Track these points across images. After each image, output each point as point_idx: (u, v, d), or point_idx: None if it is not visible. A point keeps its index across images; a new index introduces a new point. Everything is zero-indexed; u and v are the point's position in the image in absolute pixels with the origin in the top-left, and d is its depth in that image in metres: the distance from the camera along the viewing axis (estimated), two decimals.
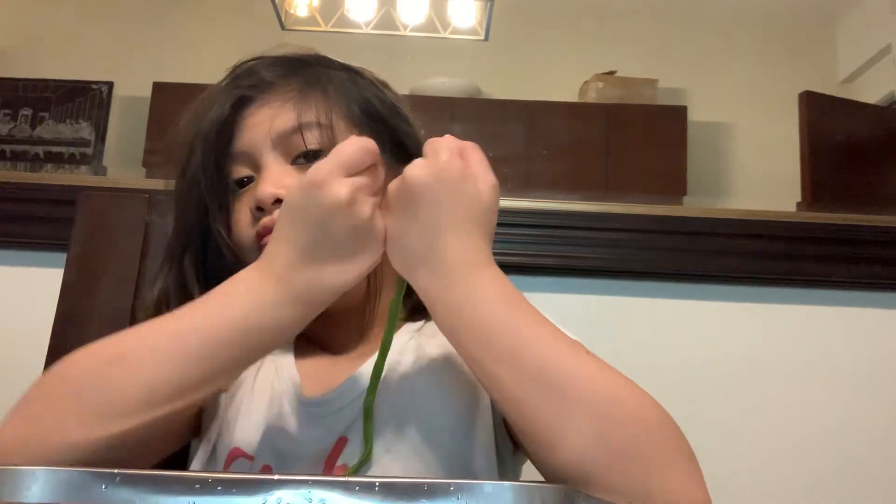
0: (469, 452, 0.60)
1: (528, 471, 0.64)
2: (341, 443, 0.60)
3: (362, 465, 0.56)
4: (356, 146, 0.52)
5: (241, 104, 0.65)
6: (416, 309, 0.69)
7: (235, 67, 0.69)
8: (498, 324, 0.50)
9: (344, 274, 0.52)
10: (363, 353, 0.66)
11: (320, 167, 0.51)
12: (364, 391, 0.61)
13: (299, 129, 0.63)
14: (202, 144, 0.64)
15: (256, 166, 0.64)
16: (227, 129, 0.64)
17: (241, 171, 0.65)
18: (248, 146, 0.64)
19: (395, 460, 0.59)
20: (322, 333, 0.68)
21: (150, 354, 0.50)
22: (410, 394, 0.62)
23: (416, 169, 0.52)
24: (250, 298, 0.52)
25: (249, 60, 0.69)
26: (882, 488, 1.13)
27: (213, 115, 0.64)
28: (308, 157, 0.63)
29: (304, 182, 0.51)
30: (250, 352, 0.53)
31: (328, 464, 0.59)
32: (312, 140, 0.63)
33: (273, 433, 0.62)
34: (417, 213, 0.52)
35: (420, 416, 0.60)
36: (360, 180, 0.51)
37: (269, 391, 0.64)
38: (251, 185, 0.65)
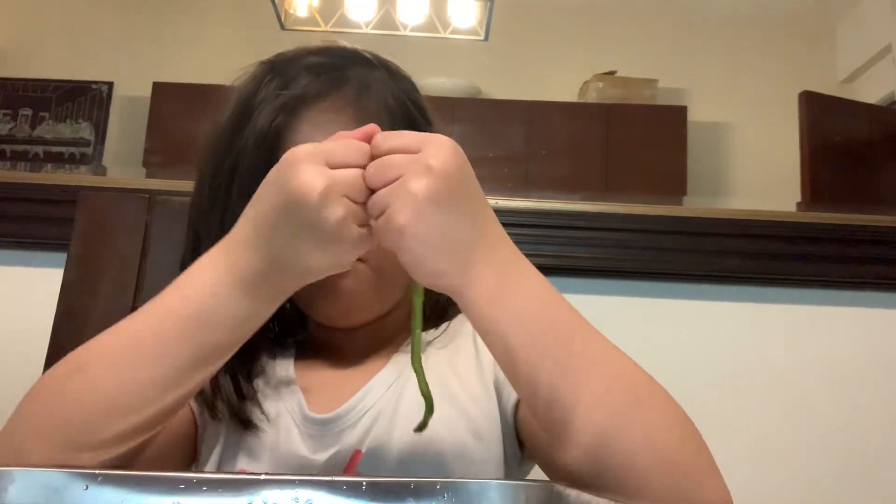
0: (479, 470, 0.60)
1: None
2: (357, 455, 0.60)
3: (427, 420, 0.52)
4: (347, 142, 0.48)
5: (287, 112, 0.61)
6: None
7: (273, 65, 0.64)
8: (553, 315, 0.47)
9: (298, 273, 0.48)
10: (372, 366, 0.66)
11: (301, 147, 0.46)
12: (375, 402, 0.62)
13: None
14: (252, 157, 0.59)
15: None
16: (276, 138, 0.60)
17: None
18: None
19: (407, 473, 0.59)
20: (331, 343, 0.68)
21: (106, 362, 0.47)
22: (422, 411, 0.62)
23: (441, 159, 0.46)
24: (203, 289, 0.48)
25: (288, 57, 0.65)
26: (882, 488, 1.13)
27: (260, 126, 0.60)
28: None
29: (283, 159, 0.46)
30: (207, 347, 0.48)
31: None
32: None
33: (283, 452, 0.61)
34: (461, 206, 0.46)
35: (433, 434, 0.60)
36: (341, 175, 0.46)
37: (275, 411, 0.63)
38: None
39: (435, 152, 0.46)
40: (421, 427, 0.50)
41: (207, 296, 0.48)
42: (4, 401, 0.52)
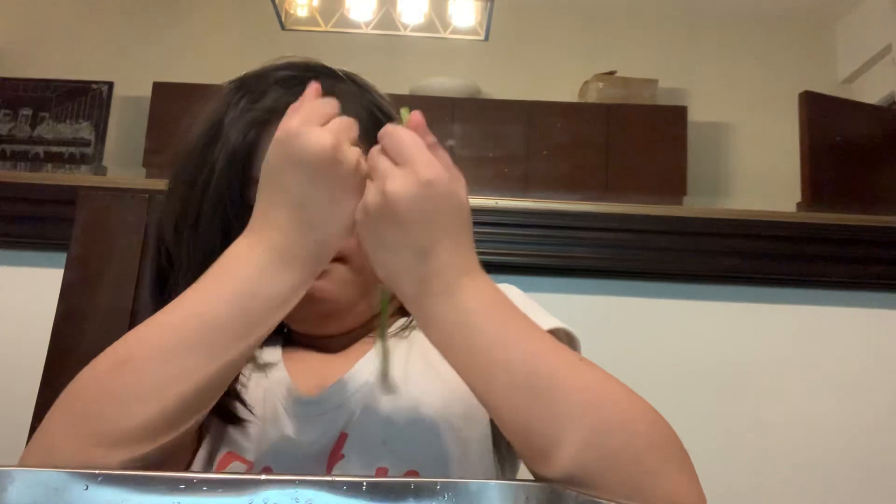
0: (466, 448, 0.60)
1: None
2: (342, 438, 0.60)
3: (385, 374, 0.54)
4: (317, 101, 0.51)
5: (259, 125, 0.62)
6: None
7: (242, 83, 0.66)
8: (493, 338, 0.48)
9: (337, 226, 0.50)
10: (357, 351, 0.66)
11: (291, 120, 0.49)
12: (362, 385, 0.62)
13: None
14: (225, 170, 0.61)
15: None
16: (248, 153, 0.61)
17: None
18: None
19: (394, 453, 0.59)
20: (315, 335, 0.68)
21: (152, 353, 0.47)
22: (406, 388, 0.62)
23: (398, 182, 0.47)
24: (244, 270, 0.49)
25: (256, 74, 0.66)
26: (881, 487, 1.13)
27: (234, 141, 0.61)
28: None
29: (280, 137, 0.48)
30: (253, 326, 0.49)
31: (330, 460, 0.59)
32: None
33: (269, 435, 0.61)
34: (407, 231, 0.48)
35: (418, 412, 0.61)
36: (340, 123, 0.49)
37: (261, 395, 0.64)
38: None
39: (422, 168, 0.48)
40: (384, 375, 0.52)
41: (251, 278, 0.49)
42: (5, 400, 0.52)
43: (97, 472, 0.36)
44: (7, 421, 0.49)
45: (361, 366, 0.64)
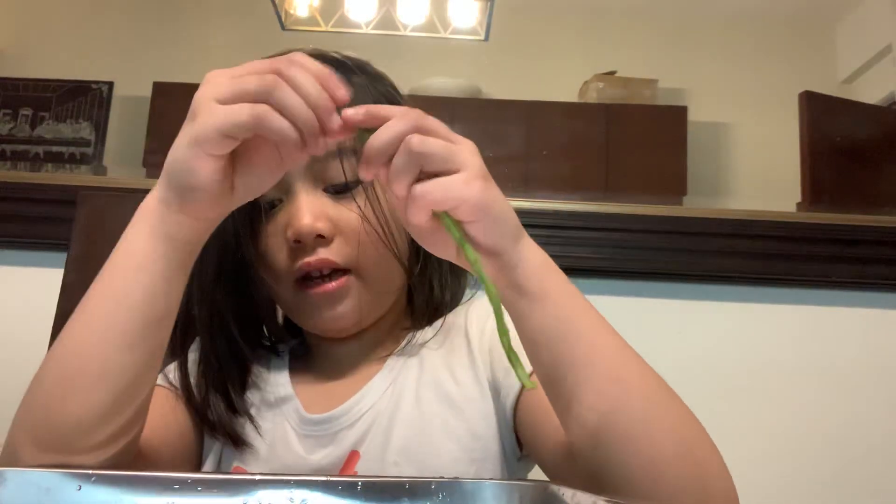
0: (478, 468, 0.60)
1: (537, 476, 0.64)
2: (353, 457, 0.61)
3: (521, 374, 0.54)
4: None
5: None
6: (416, 317, 0.69)
7: None
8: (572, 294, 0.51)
9: (188, 185, 0.52)
10: (366, 372, 0.66)
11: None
12: (372, 406, 0.62)
13: (339, 157, 0.61)
14: None
15: (286, 189, 0.61)
16: None
17: (271, 193, 0.61)
18: None
19: (405, 473, 0.59)
20: (325, 352, 0.68)
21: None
22: (418, 409, 0.62)
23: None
24: (119, 248, 0.53)
25: None
26: (881, 487, 1.13)
27: None
28: (338, 187, 0.61)
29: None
30: (139, 302, 0.50)
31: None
32: (349, 169, 0.61)
33: (279, 452, 0.62)
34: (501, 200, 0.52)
35: (429, 429, 0.61)
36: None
37: (271, 417, 0.64)
38: (279, 208, 0.62)
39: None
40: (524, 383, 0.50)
41: (122, 252, 0.51)
42: (4, 401, 0.52)
43: (90, 472, 0.36)
44: (7, 421, 0.49)
45: (371, 388, 0.64)
